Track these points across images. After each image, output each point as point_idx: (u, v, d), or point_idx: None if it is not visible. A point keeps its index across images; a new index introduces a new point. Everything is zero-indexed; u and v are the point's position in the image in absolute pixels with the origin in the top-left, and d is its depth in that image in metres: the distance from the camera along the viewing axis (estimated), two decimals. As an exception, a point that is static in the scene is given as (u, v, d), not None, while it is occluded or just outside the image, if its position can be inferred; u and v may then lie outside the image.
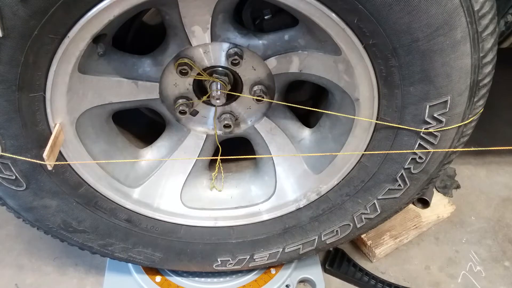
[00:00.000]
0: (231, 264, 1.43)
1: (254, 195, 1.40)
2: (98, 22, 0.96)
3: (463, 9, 0.89)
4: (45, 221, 1.27)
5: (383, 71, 1.00)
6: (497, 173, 2.06)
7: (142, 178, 1.35)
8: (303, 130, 1.37)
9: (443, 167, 1.18)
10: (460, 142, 1.12)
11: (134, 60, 1.18)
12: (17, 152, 1.07)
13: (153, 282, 1.52)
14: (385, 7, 0.89)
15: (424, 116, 1.05)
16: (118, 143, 1.34)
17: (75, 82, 1.07)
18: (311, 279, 1.56)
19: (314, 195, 1.31)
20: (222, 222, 1.37)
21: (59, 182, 1.18)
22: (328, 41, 1.06)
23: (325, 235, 1.35)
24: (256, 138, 1.36)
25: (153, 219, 1.34)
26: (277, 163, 1.37)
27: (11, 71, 0.95)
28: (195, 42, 1.12)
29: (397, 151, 1.12)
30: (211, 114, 1.30)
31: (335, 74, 1.15)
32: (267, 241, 1.38)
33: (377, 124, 1.11)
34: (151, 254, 1.40)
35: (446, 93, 1.01)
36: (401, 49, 0.95)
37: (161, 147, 1.39)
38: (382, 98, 1.06)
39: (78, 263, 1.64)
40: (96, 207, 1.27)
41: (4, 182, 1.14)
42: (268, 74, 1.19)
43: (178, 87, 1.22)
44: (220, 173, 1.42)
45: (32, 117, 1.04)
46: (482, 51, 0.96)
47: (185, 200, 1.38)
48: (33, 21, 0.89)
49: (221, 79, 1.17)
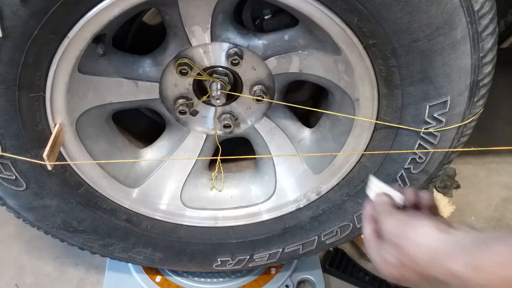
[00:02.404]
0: (231, 264, 1.43)
1: (254, 195, 1.40)
2: (98, 22, 0.96)
3: (463, 9, 0.89)
4: (45, 221, 1.27)
5: (383, 71, 1.00)
6: (497, 173, 2.06)
7: (142, 178, 1.35)
8: (303, 130, 1.37)
9: (443, 167, 1.18)
10: (460, 142, 1.12)
11: (134, 60, 1.18)
12: (17, 152, 1.07)
13: (153, 282, 1.52)
14: (385, 7, 0.89)
15: (424, 116, 1.05)
16: (118, 143, 1.34)
17: (75, 82, 1.07)
18: (311, 279, 1.56)
19: (314, 195, 1.31)
20: (222, 222, 1.37)
21: (59, 182, 1.18)
22: (328, 41, 1.06)
23: (325, 235, 1.35)
24: (256, 138, 1.36)
25: (153, 219, 1.34)
26: (277, 163, 1.37)
27: (11, 71, 0.95)
28: (195, 42, 1.12)
29: (397, 151, 1.12)
30: (211, 114, 1.30)
31: (335, 74, 1.15)
32: (267, 241, 1.38)
33: (377, 124, 1.11)
34: (151, 254, 1.40)
35: (446, 93, 1.01)
36: (401, 49, 0.95)
37: (161, 147, 1.39)
38: (382, 98, 1.06)
39: (78, 263, 1.64)
40: (96, 207, 1.27)
41: (4, 182, 1.14)
42: (268, 74, 1.19)
43: (178, 87, 1.22)
44: (220, 173, 1.42)
45: (32, 117, 1.04)
46: (482, 51, 0.96)
47: (185, 200, 1.38)
48: (33, 21, 0.89)
49: (221, 79, 1.17)
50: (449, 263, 0.63)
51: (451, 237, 0.66)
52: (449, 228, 0.68)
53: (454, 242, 0.65)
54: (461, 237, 0.65)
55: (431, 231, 0.68)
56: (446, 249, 0.65)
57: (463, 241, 0.64)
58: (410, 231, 0.70)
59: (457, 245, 0.64)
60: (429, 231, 0.69)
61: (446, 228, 0.68)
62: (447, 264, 0.63)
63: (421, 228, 0.70)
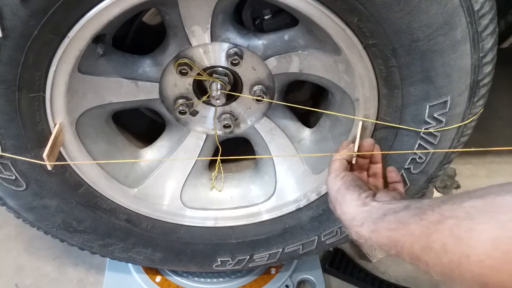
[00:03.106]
0: (231, 264, 1.43)
1: (254, 195, 1.40)
2: (98, 22, 0.96)
3: (463, 9, 0.89)
4: (45, 221, 1.27)
5: (383, 71, 1.00)
6: (497, 173, 2.06)
7: (142, 178, 1.35)
8: (303, 130, 1.37)
9: (443, 167, 1.18)
10: (460, 142, 1.12)
11: (134, 60, 1.18)
12: (17, 152, 1.07)
13: (153, 282, 1.52)
14: (385, 7, 0.89)
15: (424, 116, 1.05)
16: (118, 143, 1.34)
17: (75, 82, 1.07)
18: (311, 279, 1.56)
19: (314, 195, 1.31)
20: (222, 222, 1.37)
21: (59, 182, 1.18)
22: (328, 41, 1.06)
23: (325, 235, 1.35)
24: (256, 138, 1.36)
25: (153, 219, 1.34)
26: (277, 163, 1.37)
27: (11, 71, 0.95)
28: (195, 42, 1.12)
29: (397, 151, 1.12)
30: (211, 114, 1.30)
31: (335, 74, 1.15)
32: (267, 241, 1.38)
33: (377, 124, 1.11)
34: (151, 254, 1.40)
35: (446, 93, 1.01)
36: (401, 49, 0.95)
37: (161, 147, 1.39)
38: (382, 98, 1.06)
39: (78, 263, 1.64)
40: (96, 207, 1.27)
41: (4, 182, 1.14)
42: (268, 74, 1.19)
43: (178, 87, 1.22)
44: (220, 173, 1.42)
45: (32, 117, 1.04)
46: (482, 51, 0.96)
47: (185, 200, 1.38)
48: (33, 21, 0.89)
49: (221, 79, 1.17)
50: (359, 228, 0.86)
51: (366, 208, 0.88)
52: (370, 201, 0.90)
53: (367, 211, 0.87)
54: (374, 209, 0.86)
55: (353, 202, 0.92)
56: (359, 218, 0.88)
57: (374, 212, 0.85)
58: (341, 200, 0.95)
59: (368, 215, 0.86)
60: (352, 203, 0.92)
61: (367, 201, 0.90)
62: (357, 229, 0.87)
63: (348, 201, 0.93)
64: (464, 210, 0.67)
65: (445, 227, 0.68)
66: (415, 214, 0.75)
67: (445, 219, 0.68)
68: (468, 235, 0.64)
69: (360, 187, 0.96)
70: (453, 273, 0.66)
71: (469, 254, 0.63)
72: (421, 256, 0.71)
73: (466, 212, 0.66)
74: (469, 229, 0.64)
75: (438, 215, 0.70)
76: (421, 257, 0.71)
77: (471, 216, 0.65)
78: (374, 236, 0.82)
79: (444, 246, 0.67)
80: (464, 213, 0.66)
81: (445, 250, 0.67)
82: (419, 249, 0.72)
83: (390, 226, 0.79)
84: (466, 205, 0.67)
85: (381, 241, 0.80)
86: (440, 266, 0.68)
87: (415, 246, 0.72)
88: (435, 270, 0.70)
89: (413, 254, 0.73)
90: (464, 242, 0.64)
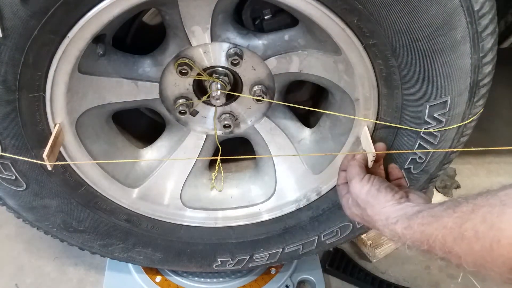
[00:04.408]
0: (231, 264, 1.43)
1: (254, 195, 1.40)
2: (98, 22, 0.96)
3: (463, 9, 0.89)
4: (45, 221, 1.27)
5: (383, 71, 1.00)
6: (497, 173, 2.06)
7: (142, 178, 1.35)
8: (303, 130, 1.37)
9: (443, 167, 1.18)
10: (460, 142, 1.12)
11: (134, 60, 1.18)
12: (17, 152, 1.07)
13: (153, 282, 1.52)
14: (385, 7, 0.89)
15: (424, 116, 1.05)
16: (118, 143, 1.34)
17: (75, 82, 1.07)
18: (311, 279, 1.57)
19: (314, 195, 1.31)
20: (222, 222, 1.37)
21: (59, 182, 1.18)
22: (328, 41, 1.06)
23: (325, 235, 1.35)
24: (256, 138, 1.36)
25: (153, 219, 1.34)
26: (277, 163, 1.37)
27: (11, 71, 0.95)
28: (195, 42, 1.12)
29: (397, 151, 1.12)
30: (211, 114, 1.30)
31: (335, 74, 1.15)
32: (267, 241, 1.38)
33: (377, 124, 1.11)
34: (151, 254, 1.40)
35: (446, 93, 1.01)
36: (401, 49, 0.95)
37: (161, 147, 1.38)
38: (382, 98, 1.06)
39: (78, 263, 1.64)
40: (96, 207, 1.27)
41: (4, 182, 1.14)
42: (268, 74, 1.19)
43: (178, 87, 1.22)
44: (220, 173, 1.42)
45: (32, 117, 1.04)
46: (482, 51, 0.96)
47: (185, 200, 1.38)
48: (33, 21, 0.89)
49: (221, 79, 1.17)
50: (393, 226, 0.88)
51: (401, 207, 0.91)
52: (404, 201, 0.93)
53: (401, 210, 0.90)
54: (409, 207, 0.89)
55: (388, 203, 0.93)
56: (393, 216, 0.90)
57: (409, 210, 0.88)
58: (373, 201, 0.96)
59: (403, 213, 0.89)
60: (387, 203, 0.94)
61: (402, 201, 0.93)
62: (392, 226, 0.89)
63: (382, 202, 0.95)
64: (498, 198, 0.67)
65: (478, 214, 0.68)
66: (449, 207, 0.76)
67: (478, 208, 0.69)
68: (499, 219, 0.65)
69: (391, 188, 0.98)
70: (485, 261, 0.66)
71: (500, 238, 0.64)
72: (453, 247, 0.71)
73: (500, 200, 0.67)
74: (501, 213, 0.65)
75: (472, 205, 0.71)
76: (453, 249, 0.71)
77: (504, 203, 0.66)
78: (407, 233, 0.83)
79: (476, 234, 0.67)
80: (497, 200, 0.67)
81: (477, 237, 0.67)
82: (451, 241, 0.72)
83: (423, 221, 0.80)
84: (501, 194, 0.68)
85: (414, 236, 0.81)
86: (472, 255, 0.68)
87: (448, 239, 0.72)
88: (467, 261, 0.69)
89: (445, 247, 0.73)
90: (496, 227, 0.65)
